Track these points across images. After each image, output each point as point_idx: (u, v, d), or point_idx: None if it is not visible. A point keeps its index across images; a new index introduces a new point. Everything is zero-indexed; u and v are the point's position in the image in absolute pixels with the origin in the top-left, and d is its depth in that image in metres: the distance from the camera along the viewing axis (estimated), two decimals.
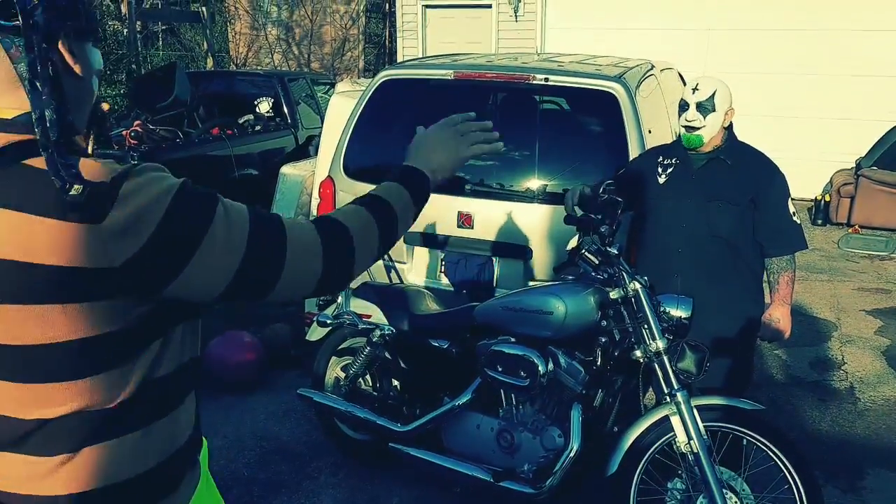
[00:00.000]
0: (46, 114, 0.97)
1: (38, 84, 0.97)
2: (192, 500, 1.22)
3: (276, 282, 1.10)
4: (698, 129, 2.83)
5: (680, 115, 2.88)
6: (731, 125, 2.93)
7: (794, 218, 2.88)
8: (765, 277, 2.96)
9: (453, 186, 3.66)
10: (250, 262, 1.07)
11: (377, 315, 3.18)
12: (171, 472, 1.17)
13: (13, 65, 1.00)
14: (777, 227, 2.86)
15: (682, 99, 2.88)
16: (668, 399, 2.50)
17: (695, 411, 2.46)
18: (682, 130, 2.88)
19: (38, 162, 0.98)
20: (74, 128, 1.05)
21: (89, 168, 0.98)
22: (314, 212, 4.69)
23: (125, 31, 13.07)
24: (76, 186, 0.94)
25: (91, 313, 0.99)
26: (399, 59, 10.97)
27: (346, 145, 3.85)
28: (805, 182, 8.36)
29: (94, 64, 1.11)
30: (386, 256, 3.80)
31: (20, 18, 0.97)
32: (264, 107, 7.56)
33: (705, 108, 2.81)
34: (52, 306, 0.97)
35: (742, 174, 2.86)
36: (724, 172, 2.88)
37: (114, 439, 1.07)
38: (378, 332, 3.13)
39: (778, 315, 2.90)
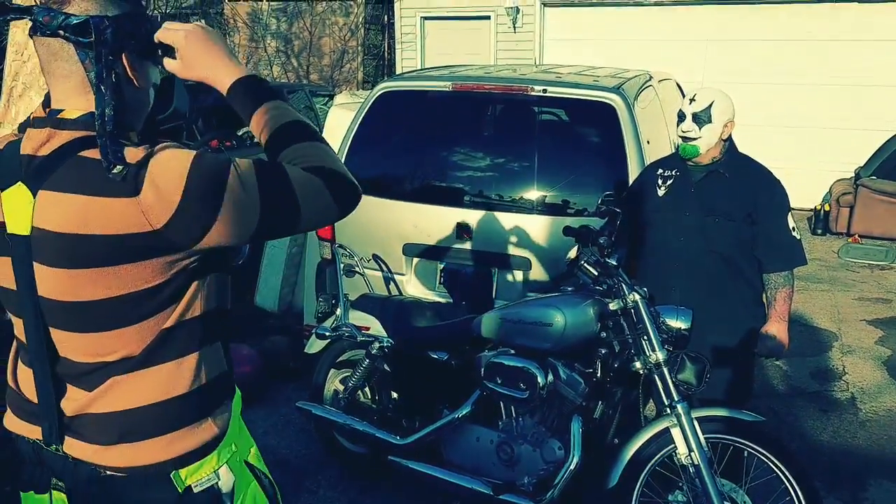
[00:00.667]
0: (106, 111, 1.19)
1: (102, 88, 1.20)
2: (225, 437, 1.41)
3: (298, 215, 1.26)
4: (693, 139, 2.82)
5: (678, 126, 2.87)
6: (730, 137, 2.91)
7: (794, 233, 2.84)
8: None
9: (452, 197, 3.66)
10: (267, 206, 1.23)
11: (376, 327, 3.17)
12: (200, 402, 1.37)
13: (86, 73, 1.23)
14: (776, 243, 2.83)
15: (679, 109, 2.88)
16: (669, 411, 2.48)
17: (695, 423, 2.45)
18: (679, 140, 2.88)
19: (91, 153, 1.20)
20: (129, 126, 1.29)
21: (131, 154, 1.19)
22: None
23: None
24: (118, 167, 1.15)
25: (140, 270, 1.22)
26: (398, 70, 11.01)
27: (344, 157, 3.85)
28: (804, 192, 8.36)
29: (152, 79, 1.35)
30: (385, 268, 3.79)
31: (93, 35, 1.20)
32: None
33: (701, 119, 2.80)
34: (108, 268, 1.20)
35: (740, 188, 2.84)
36: (723, 186, 2.86)
37: (153, 366, 1.30)
38: (377, 345, 3.12)
39: (774, 332, 2.86)
